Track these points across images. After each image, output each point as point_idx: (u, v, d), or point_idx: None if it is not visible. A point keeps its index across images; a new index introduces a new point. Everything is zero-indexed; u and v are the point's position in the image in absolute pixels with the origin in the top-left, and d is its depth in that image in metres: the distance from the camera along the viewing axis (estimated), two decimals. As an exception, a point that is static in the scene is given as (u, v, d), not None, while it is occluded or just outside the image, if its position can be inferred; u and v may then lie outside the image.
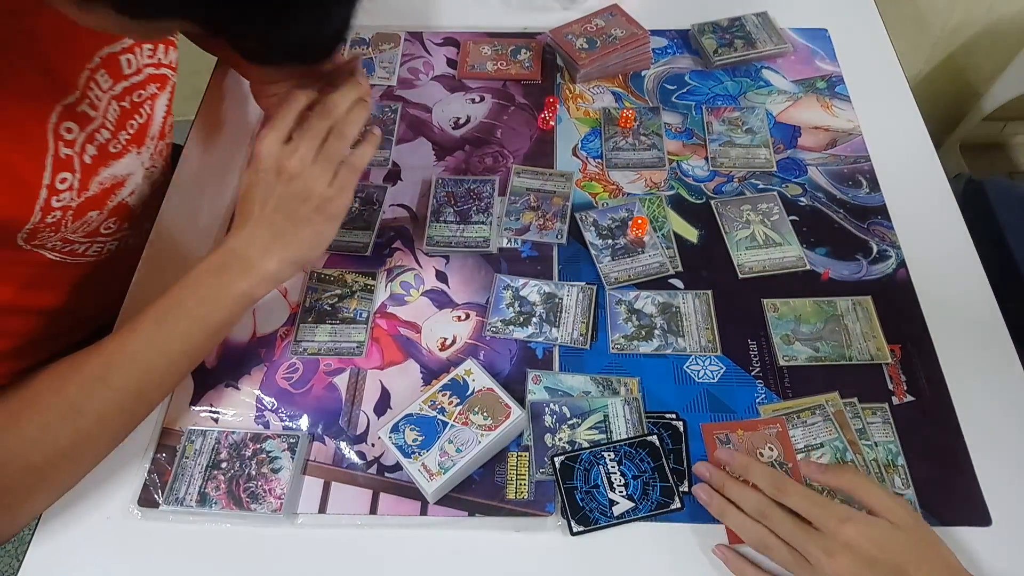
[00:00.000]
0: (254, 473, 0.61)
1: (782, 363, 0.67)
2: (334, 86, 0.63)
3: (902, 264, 0.73)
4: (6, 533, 0.54)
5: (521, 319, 0.70)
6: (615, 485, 0.60)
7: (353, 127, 0.62)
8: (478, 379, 0.64)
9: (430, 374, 0.67)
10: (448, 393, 0.63)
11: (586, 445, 0.62)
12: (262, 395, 0.66)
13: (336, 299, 0.72)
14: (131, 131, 0.70)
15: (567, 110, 0.88)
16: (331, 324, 0.70)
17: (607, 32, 0.91)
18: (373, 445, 0.64)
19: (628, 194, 0.80)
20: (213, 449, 0.62)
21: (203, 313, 0.59)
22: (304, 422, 0.65)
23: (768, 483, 0.56)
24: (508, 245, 0.76)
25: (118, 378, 0.56)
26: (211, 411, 0.66)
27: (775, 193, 0.79)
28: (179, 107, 0.79)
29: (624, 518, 0.59)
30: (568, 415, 0.64)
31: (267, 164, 0.60)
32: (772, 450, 0.62)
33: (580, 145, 0.85)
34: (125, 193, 0.71)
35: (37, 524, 0.60)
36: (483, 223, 0.77)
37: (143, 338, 0.57)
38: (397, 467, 0.62)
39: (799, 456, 0.61)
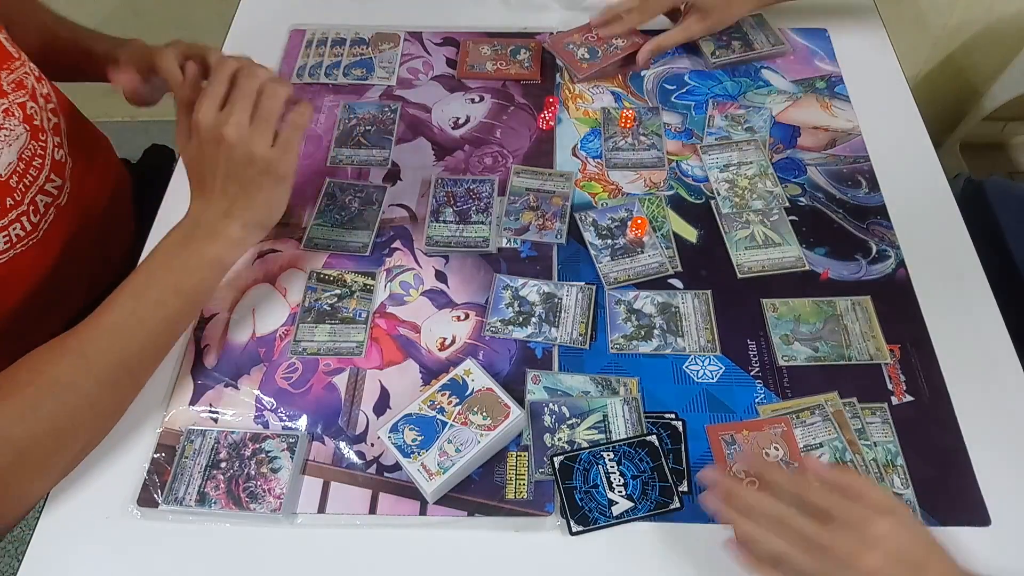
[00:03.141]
0: (253, 473, 0.61)
1: (781, 363, 0.67)
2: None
3: (901, 264, 0.73)
4: (2, 520, 0.54)
5: (520, 319, 0.70)
6: (614, 485, 0.60)
7: (283, 87, 0.62)
8: (477, 379, 0.64)
9: (429, 374, 0.67)
10: (447, 393, 0.63)
11: (585, 445, 0.62)
12: (261, 395, 0.66)
13: (335, 299, 0.72)
14: None
15: (567, 110, 0.88)
16: (330, 324, 0.70)
17: (608, 41, 0.91)
18: (372, 445, 0.64)
19: (628, 194, 0.80)
20: (212, 449, 0.63)
21: (175, 280, 0.60)
22: (303, 422, 0.65)
23: (786, 481, 0.53)
24: (507, 245, 0.76)
25: (96, 351, 0.56)
26: (210, 411, 0.66)
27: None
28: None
29: (623, 518, 0.59)
30: (567, 415, 0.64)
31: (206, 135, 0.61)
32: (778, 449, 0.62)
33: (580, 145, 0.85)
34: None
35: (37, 524, 0.60)
36: (482, 223, 0.77)
37: (119, 311, 0.58)
38: (396, 467, 0.62)
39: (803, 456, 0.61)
